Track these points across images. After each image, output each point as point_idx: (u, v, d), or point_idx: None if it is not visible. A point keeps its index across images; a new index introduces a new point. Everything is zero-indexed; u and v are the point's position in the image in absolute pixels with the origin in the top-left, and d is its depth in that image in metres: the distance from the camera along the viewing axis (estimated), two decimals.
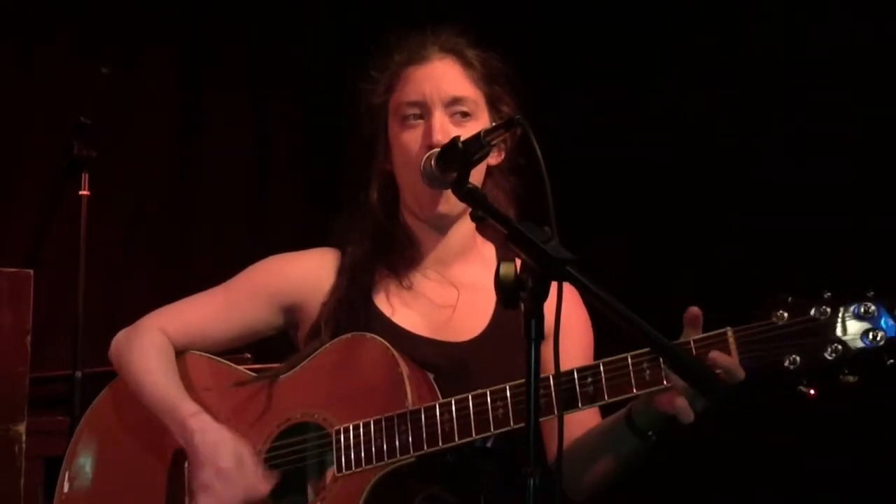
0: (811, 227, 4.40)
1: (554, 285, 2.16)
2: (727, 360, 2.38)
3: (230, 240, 5.50)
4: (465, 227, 2.82)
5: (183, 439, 2.73)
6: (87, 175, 4.45)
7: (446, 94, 2.75)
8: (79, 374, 4.24)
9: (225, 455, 2.67)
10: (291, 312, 2.88)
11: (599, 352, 2.59)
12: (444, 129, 2.71)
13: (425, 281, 2.84)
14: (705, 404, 2.40)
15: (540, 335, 2.14)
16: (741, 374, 2.38)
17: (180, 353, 2.88)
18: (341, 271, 2.84)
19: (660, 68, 4.93)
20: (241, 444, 2.70)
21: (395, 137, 2.79)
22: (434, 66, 2.79)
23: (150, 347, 2.84)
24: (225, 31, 5.77)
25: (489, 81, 2.81)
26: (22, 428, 3.49)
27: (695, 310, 2.44)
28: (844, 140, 4.39)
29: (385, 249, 2.83)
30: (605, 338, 2.62)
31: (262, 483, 2.66)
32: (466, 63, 2.80)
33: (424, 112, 2.75)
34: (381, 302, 2.81)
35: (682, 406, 2.42)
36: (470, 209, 2.42)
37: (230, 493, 2.65)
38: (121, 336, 2.92)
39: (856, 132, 4.37)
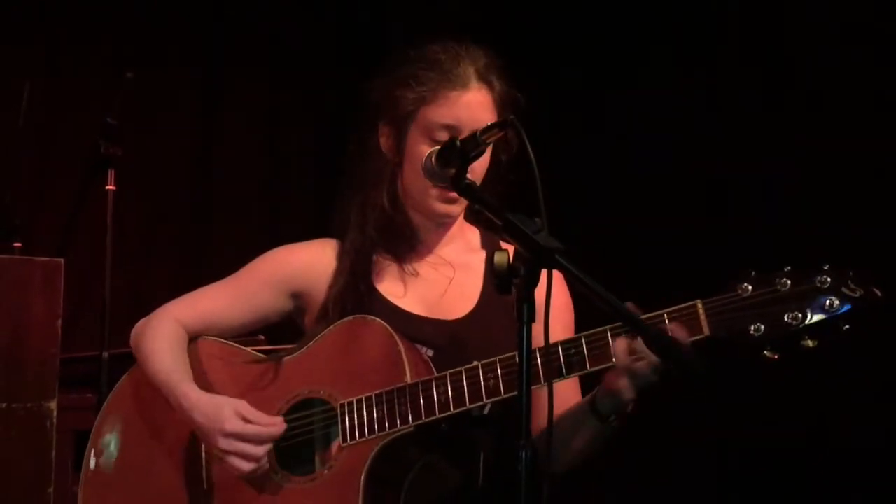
0: (775, 212, 4.45)
1: (544, 272, 2.18)
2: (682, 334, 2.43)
3: (245, 231, 5.53)
4: (458, 218, 2.85)
5: (187, 416, 2.74)
6: (113, 171, 4.46)
7: (477, 125, 2.64)
8: (106, 354, 4.26)
9: (227, 417, 2.67)
10: (297, 298, 2.88)
11: (584, 326, 2.61)
12: None
13: (422, 264, 2.85)
14: (652, 381, 2.47)
15: (531, 318, 2.16)
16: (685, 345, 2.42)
17: (194, 338, 2.89)
18: (343, 258, 2.84)
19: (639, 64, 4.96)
20: (236, 400, 2.71)
21: (415, 146, 2.75)
22: (471, 94, 2.74)
23: (162, 335, 2.85)
24: (242, 37, 5.79)
25: (503, 109, 2.78)
26: (53, 404, 3.52)
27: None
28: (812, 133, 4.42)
29: (385, 237, 2.84)
30: (588, 315, 2.64)
31: (275, 426, 2.68)
32: (495, 95, 2.77)
33: (453, 135, 2.68)
34: (382, 286, 2.82)
35: (622, 385, 2.49)
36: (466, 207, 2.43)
37: (251, 449, 2.66)
38: (139, 325, 2.93)
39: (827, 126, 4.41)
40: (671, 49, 4.87)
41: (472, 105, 2.74)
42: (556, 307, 2.24)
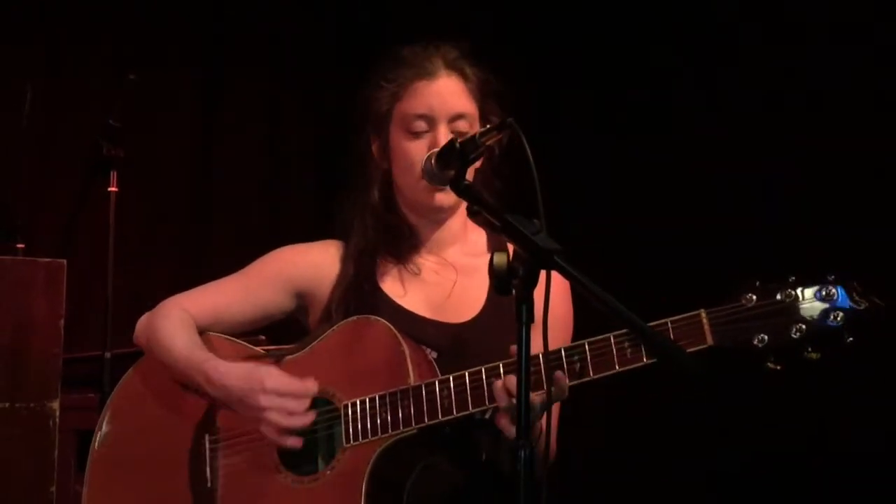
0: (775, 213, 4.46)
1: (543, 274, 2.19)
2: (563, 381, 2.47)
3: (245, 231, 5.53)
4: (459, 217, 2.86)
5: (219, 386, 2.72)
6: (115, 173, 4.48)
7: (451, 110, 2.77)
8: (108, 354, 4.27)
9: (266, 375, 2.68)
10: (302, 298, 2.90)
11: (585, 333, 2.61)
12: None
13: (425, 266, 2.87)
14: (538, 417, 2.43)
15: (530, 319, 2.17)
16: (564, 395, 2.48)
17: (201, 333, 2.88)
18: (347, 260, 2.86)
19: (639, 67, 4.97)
20: (267, 364, 2.74)
21: (397, 143, 2.81)
22: (440, 82, 2.80)
23: (175, 321, 2.86)
24: (242, 37, 5.80)
25: (483, 96, 2.83)
26: (56, 404, 3.52)
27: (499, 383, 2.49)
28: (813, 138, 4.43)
29: (386, 239, 2.86)
30: (588, 318, 2.65)
31: (310, 384, 2.67)
32: (467, 80, 2.82)
33: (430, 124, 2.77)
34: (387, 286, 2.84)
35: (505, 425, 2.48)
36: (463, 202, 2.44)
37: (294, 403, 2.65)
38: (145, 318, 2.94)
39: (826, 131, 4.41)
40: (671, 49, 4.87)
41: (443, 92, 2.78)
42: (552, 318, 2.24)
